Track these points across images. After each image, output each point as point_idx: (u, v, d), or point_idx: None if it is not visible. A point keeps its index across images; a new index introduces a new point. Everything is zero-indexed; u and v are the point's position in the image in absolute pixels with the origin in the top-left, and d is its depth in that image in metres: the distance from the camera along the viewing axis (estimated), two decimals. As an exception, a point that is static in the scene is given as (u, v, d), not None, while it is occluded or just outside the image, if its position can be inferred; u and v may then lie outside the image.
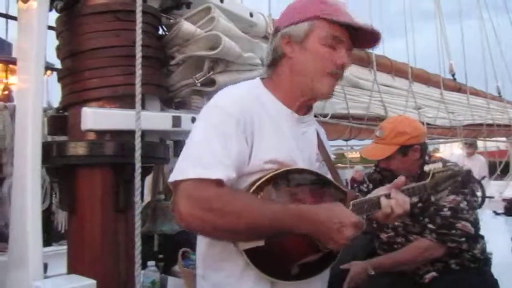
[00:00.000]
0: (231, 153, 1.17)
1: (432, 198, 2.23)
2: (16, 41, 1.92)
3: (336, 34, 1.33)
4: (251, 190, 1.22)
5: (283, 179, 1.26)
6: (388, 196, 1.38)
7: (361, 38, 1.37)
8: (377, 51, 4.05)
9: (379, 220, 1.42)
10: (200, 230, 1.21)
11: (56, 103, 2.16)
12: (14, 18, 4.11)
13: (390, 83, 4.02)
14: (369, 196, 1.41)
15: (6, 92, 4.18)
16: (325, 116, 2.96)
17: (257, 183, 1.22)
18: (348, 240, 1.18)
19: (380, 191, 1.42)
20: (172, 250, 2.42)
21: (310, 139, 1.41)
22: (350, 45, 1.37)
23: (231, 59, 2.15)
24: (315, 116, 3.03)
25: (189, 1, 2.20)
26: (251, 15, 2.58)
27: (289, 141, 1.33)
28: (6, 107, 3.81)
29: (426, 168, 1.64)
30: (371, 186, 2.57)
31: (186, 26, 2.06)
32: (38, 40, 1.78)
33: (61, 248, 2.27)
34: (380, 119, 3.35)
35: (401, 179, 1.43)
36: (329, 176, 1.42)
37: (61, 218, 3.15)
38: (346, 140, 3.75)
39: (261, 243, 1.19)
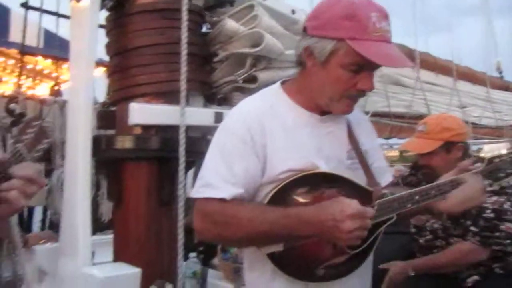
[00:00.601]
0: (235, 172, 1.22)
1: None
2: (70, 39, 2.01)
3: (361, 62, 1.21)
4: (266, 200, 1.25)
5: (297, 185, 1.24)
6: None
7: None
8: (420, 47, 3.96)
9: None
10: (211, 240, 1.40)
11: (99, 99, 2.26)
12: (64, 16, 4.30)
13: (433, 81, 3.93)
14: (401, 193, 1.31)
15: (56, 88, 4.37)
16: (365, 114, 2.93)
17: (271, 193, 1.24)
18: (351, 233, 1.12)
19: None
20: (211, 243, 2.47)
21: (337, 137, 1.35)
22: (376, 66, 1.26)
23: (273, 56, 2.17)
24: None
25: (232, -1, 2.23)
26: (293, 12, 2.58)
27: (308, 146, 1.29)
28: (55, 101, 4.00)
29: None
30: None
31: (230, 24, 2.10)
32: (89, 38, 1.87)
33: (105, 238, 2.37)
34: (422, 117, 3.28)
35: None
36: (360, 173, 1.35)
37: (104, 208, 3.28)
38: (387, 139, 3.70)
39: (279, 247, 1.21)
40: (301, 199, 1.24)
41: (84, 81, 1.85)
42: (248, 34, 2.09)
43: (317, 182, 1.25)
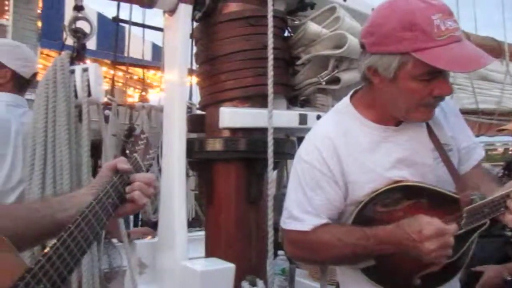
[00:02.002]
0: (316, 203, 1.26)
1: None
2: (164, 49, 2.17)
3: (433, 70, 1.13)
4: (350, 220, 1.27)
5: (378, 202, 1.24)
6: None
7: None
8: (509, 38, 3.71)
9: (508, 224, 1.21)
10: (303, 262, 1.60)
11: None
12: (153, 28, 4.59)
13: (525, 74, 3.66)
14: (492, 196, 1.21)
15: (143, 93, 4.67)
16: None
17: (354, 214, 1.26)
18: (433, 253, 1.08)
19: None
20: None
21: (417, 140, 1.29)
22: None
23: (355, 56, 2.17)
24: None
25: (313, 2, 2.27)
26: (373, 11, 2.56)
27: (385, 162, 1.26)
28: (144, 107, 4.28)
29: None
30: None
31: (312, 27, 2.14)
32: (182, 48, 2.00)
33: (192, 235, 2.52)
34: (513, 113, 3.09)
35: None
36: (445, 172, 1.28)
37: (189, 207, 3.46)
38: (475, 137, 3.52)
39: (371, 262, 1.23)
40: (384, 216, 1.23)
41: (178, 88, 1.98)
42: (331, 36, 2.12)
43: (401, 195, 1.23)
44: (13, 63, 1.95)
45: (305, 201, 1.27)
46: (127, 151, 1.10)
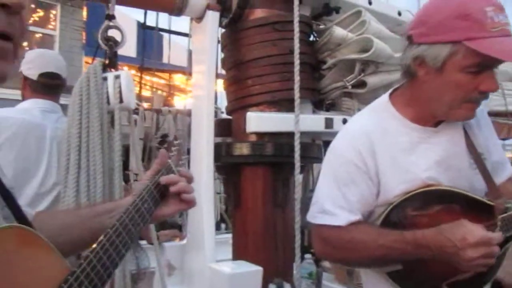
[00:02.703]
0: (349, 198, 1.23)
1: None
2: (192, 55, 2.22)
3: (482, 61, 1.12)
4: (380, 221, 1.23)
5: (410, 204, 1.21)
6: None
7: None
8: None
9: None
10: (332, 261, 1.51)
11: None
12: (178, 33, 4.66)
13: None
14: None
15: (169, 98, 4.78)
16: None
17: (384, 214, 1.23)
18: (475, 261, 1.06)
19: None
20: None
21: (455, 145, 1.27)
22: (498, 63, 1.17)
23: (381, 60, 2.18)
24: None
25: (338, 7, 2.28)
26: (399, 14, 2.55)
27: (422, 163, 1.24)
28: (170, 111, 4.36)
29: None
30: None
31: (338, 31, 2.15)
32: (210, 54, 2.04)
33: (218, 237, 2.54)
34: (545, 115, 3.02)
35: None
36: (479, 179, 1.26)
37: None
38: (504, 139, 3.45)
39: (398, 267, 1.20)
40: (415, 219, 1.20)
41: (206, 92, 2.02)
42: (356, 40, 2.12)
43: (433, 199, 1.21)
44: (23, 68, 2.04)
45: (339, 196, 1.23)
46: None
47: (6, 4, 0.55)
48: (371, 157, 1.22)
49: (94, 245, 0.75)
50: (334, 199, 1.24)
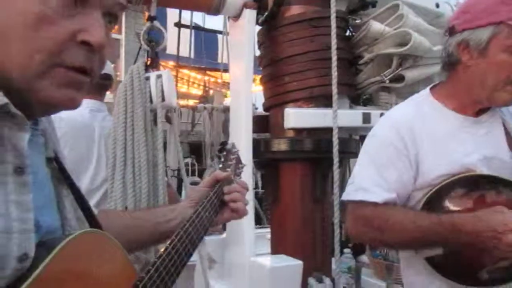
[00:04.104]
0: (388, 179, 1.24)
1: None
2: (229, 52, 2.26)
3: None
4: (421, 204, 1.24)
5: (452, 189, 1.22)
6: None
7: None
8: None
9: None
10: (365, 242, 1.38)
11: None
12: (212, 31, 4.71)
13: None
14: None
15: (204, 95, 4.86)
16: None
17: (425, 197, 1.24)
18: None
19: None
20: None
21: (495, 137, 1.30)
22: None
23: (420, 54, 2.15)
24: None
25: (375, 1, 2.27)
26: (437, 5, 2.51)
27: (461, 150, 1.25)
28: (205, 108, 4.44)
29: None
30: None
31: (375, 26, 2.14)
32: (247, 51, 2.08)
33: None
34: None
35: None
36: None
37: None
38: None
39: (439, 251, 1.20)
40: (457, 204, 1.21)
41: (244, 89, 2.06)
42: (394, 34, 2.11)
43: (475, 185, 1.22)
44: None
45: (377, 175, 1.25)
46: (220, 165, 1.14)
47: (89, 42, 0.58)
48: (411, 141, 1.25)
49: (161, 252, 0.76)
50: (372, 177, 1.26)
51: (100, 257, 0.62)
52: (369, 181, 1.26)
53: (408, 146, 1.25)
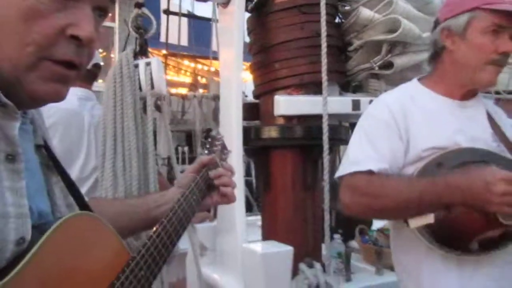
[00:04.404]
0: (380, 150, 1.32)
1: None
2: (219, 40, 2.25)
3: (498, 21, 1.30)
4: (415, 174, 1.30)
5: (444, 160, 1.29)
6: None
7: None
8: None
9: None
10: (361, 213, 1.44)
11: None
12: (200, 18, 4.66)
13: None
14: None
15: (193, 83, 4.83)
16: (510, 92, 2.73)
17: (418, 169, 1.30)
18: (504, 197, 1.12)
19: None
20: (349, 226, 2.56)
21: (479, 120, 1.40)
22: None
23: (409, 40, 2.16)
24: (497, 93, 2.82)
25: (364, -13, 2.26)
26: (426, -8, 2.51)
27: (449, 128, 1.35)
28: (195, 96, 4.41)
29: None
30: None
31: (364, 12, 2.13)
32: (237, 38, 2.06)
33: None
34: None
35: None
36: (506, 154, 1.34)
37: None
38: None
39: (430, 220, 1.23)
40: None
41: (234, 77, 2.05)
42: (383, 21, 2.11)
43: (462, 159, 1.28)
44: None
45: (369, 148, 1.33)
46: (206, 152, 1.16)
47: (78, 36, 0.59)
48: (401, 117, 1.35)
49: (151, 234, 0.79)
50: (364, 150, 1.34)
51: (94, 238, 0.64)
52: (362, 154, 1.34)
53: (398, 121, 1.35)
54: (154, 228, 0.81)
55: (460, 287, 1.28)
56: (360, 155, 1.34)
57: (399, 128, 1.34)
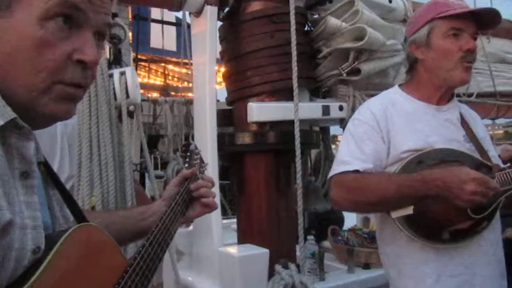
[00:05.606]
0: (365, 151, 1.46)
1: None
2: (192, 47, 2.29)
3: (454, 25, 1.46)
4: (397, 170, 1.42)
5: (421, 162, 1.42)
6: None
7: (485, 21, 1.49)
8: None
9: None
10: (348, 207, 1.62)
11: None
12: (170, 23, 4.66)
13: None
14: None
15: (164, 85, 4.83)
16: (470, 95, 2.88)
17: (397, 170, 1.43)
18: (473, 195, 1.25)
19: None
20: (321, 227, 2.65)
21: (454, 123, 1.53)
22: (473, 31, 1.49)
23: (375, 48, 2.26)
24: (458, 96, 2.98)
25: (332, -4, 2.35)
26: (389, 1, 2.63)
27: (426, 131, 1.47)
28: (166, 101, 4.42)
29: None
30: None
31: (332, 21, 2.22)
32: (209, 46, 2.11)
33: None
34: (532, 94, 3.13)
35: None
36: (476, 155, 1.49)
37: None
38: (493, 119, 3.57)
39: (409, 211, 1.38)
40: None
41: (207, 83, 2.10)
42: (350, 29, 2.20)
43: (439, 159, 1.42)
44: None
45: (356, 148, 1.47)
46: (186, 165, 1.23)
47: (83, 61, 0.66)
48: (383, 121, 1.49)
49: (144, 242, 0.86)
50: (351, 151, 1.48)
51: (96, 246, 0.72)
52: (349, 155, 1.49)
53: (381, 125, 1.49)
54: (147, 237, 0.88)
55: (436, 274, 1.40)
56: (348, 156, 1.48)
57: (381, 130, 1.49)
